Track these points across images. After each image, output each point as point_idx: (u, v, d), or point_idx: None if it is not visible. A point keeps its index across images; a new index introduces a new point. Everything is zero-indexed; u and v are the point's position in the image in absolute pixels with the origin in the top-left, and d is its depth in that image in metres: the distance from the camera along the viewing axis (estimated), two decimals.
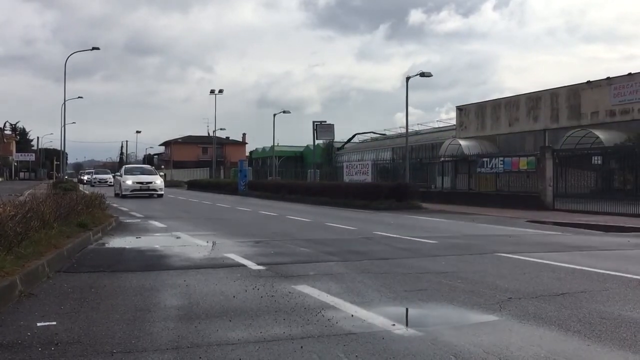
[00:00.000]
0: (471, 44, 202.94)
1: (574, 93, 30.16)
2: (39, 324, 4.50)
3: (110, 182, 57.21)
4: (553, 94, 31.53)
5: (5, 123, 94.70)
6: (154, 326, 4.50)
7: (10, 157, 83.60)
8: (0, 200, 8.97)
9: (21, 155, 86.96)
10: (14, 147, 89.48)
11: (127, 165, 36.42)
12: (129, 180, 29.01)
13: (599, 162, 22.07)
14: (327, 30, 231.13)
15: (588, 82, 29.52)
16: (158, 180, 29.85)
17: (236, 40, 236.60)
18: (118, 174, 32.55)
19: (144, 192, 28.96)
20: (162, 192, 29.52)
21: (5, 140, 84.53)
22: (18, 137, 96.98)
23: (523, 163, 23.43)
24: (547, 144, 27.20)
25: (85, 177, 64.37)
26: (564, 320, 4.81)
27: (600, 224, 15.26)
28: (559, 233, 13.37)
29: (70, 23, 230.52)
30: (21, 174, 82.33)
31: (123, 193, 28.58)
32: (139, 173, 30.84)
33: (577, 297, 5.74)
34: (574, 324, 4.71)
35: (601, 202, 19.30)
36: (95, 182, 53.56)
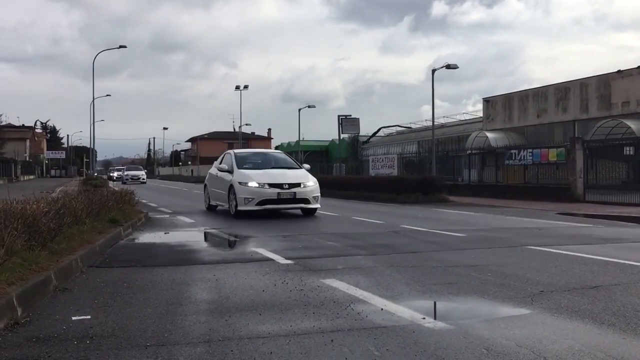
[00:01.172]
0: (497, 34, 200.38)
1: (604, 83, 29.57)
2: (73, 318, 4.59)
3: (143, 179, 51.97)
4: (582, 84, 30.96)
5: (36, 122, 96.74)
6: (186, 320, 4.55)
7: (42, 155, 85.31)
8: (34, 197, 9.16)
9: (52, 153, 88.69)
10: (44, 145, 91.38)
11: (238, 151, 17.57)
12: (253, 182, 14.23)
13: (631, 152, 21.59)
14: (351, 24, 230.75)
15: (619, 71, 28.91)
16: (310, 182, 14.83)
17: (259, 36, 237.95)
18: (223, 167, 15.73)
19: (287, 206, 14.80)
20: (317, 206, 14.96)
21: (36, 138, 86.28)
22: (49, 135, 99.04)
23: (552, 154, 23.08)
24: (576, 135, 26.73)
25: (116, 174, 62.08)
26: (598, 314, 4.73)
27: (633, 215, 14.95)
28: (591, 225, 13.14)
29: (96, 22, 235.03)
30: (52, 172, 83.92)
31: (242, 208, 14.06)
32: (259, 165, 15.67)
33: (611, 290, 5.64)
34: (608, 317, 4.63)
35: (633, 193, 18.91)
36: (127, 180, 49.71)
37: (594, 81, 30.28)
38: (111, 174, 65.87)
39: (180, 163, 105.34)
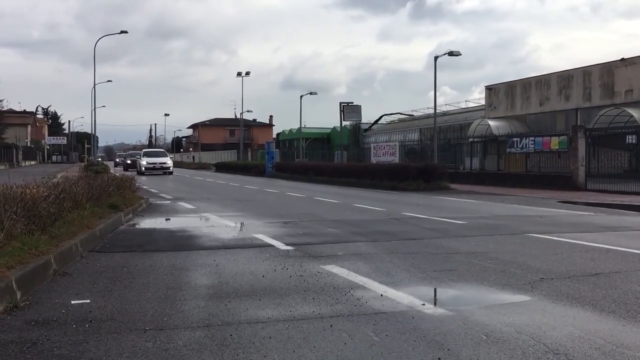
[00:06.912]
0: (504, 22, 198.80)
1: (608, 71, 29.37)
2: (73, 302, 4.58)
3: (168, 168, 35.32)
4: (585, 72, 30.77)
5: (37, 107, 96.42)
6: (185, 304, 4.55)
7: (43, 141, 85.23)
8: (34, 182, 9.15)
9: (53, 139, 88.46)
10: (46, 131, 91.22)
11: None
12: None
13: (633, 141, 21.45)
14: (357, 10, 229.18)
15: (622, 59, 28.70)
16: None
17: (260, 23, 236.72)
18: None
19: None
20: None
21: (37, 124, 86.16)
22: (50, 121, 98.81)
23: (554, 143, 22.98)
24: (579, 123, 26.62)
25: (145, 161, 36.61)
26: (598, 301, 4.71)
27: (634, 204, 14.92)
28: (592, 213, 13.12)
29: (91, 8, 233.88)
30: (53, 157, 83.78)
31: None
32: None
33: (611, 277, 5.63)
34: (608, 304, 4.61)
35: (635, 182, 18.85)
36: (147, 168, 35.35)
37: (597, 69, 30.08)
38: (134, 161, 43.18)
39: (181, 149, 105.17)
